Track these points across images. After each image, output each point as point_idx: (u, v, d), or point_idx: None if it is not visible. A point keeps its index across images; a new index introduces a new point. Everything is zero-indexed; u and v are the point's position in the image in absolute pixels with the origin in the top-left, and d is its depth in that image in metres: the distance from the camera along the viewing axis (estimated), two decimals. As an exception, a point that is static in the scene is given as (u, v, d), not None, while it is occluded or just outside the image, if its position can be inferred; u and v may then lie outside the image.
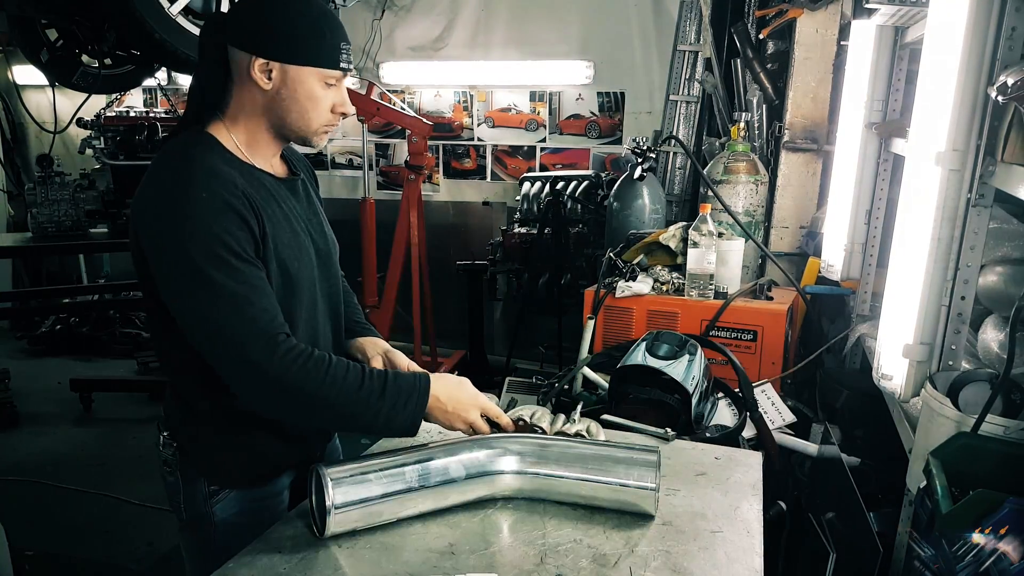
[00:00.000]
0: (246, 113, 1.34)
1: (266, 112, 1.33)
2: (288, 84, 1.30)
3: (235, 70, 1.31)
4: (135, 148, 4.32)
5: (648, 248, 2.81)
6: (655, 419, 1.78)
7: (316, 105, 1.33)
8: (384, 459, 1.23)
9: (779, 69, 3.36)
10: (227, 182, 1.25)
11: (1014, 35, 1.40)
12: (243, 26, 1.29)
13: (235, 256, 1.22)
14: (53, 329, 5.61)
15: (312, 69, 1.30)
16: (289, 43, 1.28)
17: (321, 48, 1.30)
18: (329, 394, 1.22)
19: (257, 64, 1.28)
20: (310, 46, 1.29)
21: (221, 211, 1.22)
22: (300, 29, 1.28)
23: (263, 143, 1.37)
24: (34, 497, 3.47)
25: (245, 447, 1.42)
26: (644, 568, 1.12)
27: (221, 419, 1.40)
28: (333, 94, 1.35)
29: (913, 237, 1.68)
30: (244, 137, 1.35)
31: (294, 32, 1.27)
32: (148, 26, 2.66)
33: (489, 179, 5.26)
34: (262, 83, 1.29)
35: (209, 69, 1.33)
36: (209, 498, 1.41)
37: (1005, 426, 1.35)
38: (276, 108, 1.32)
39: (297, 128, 1.35)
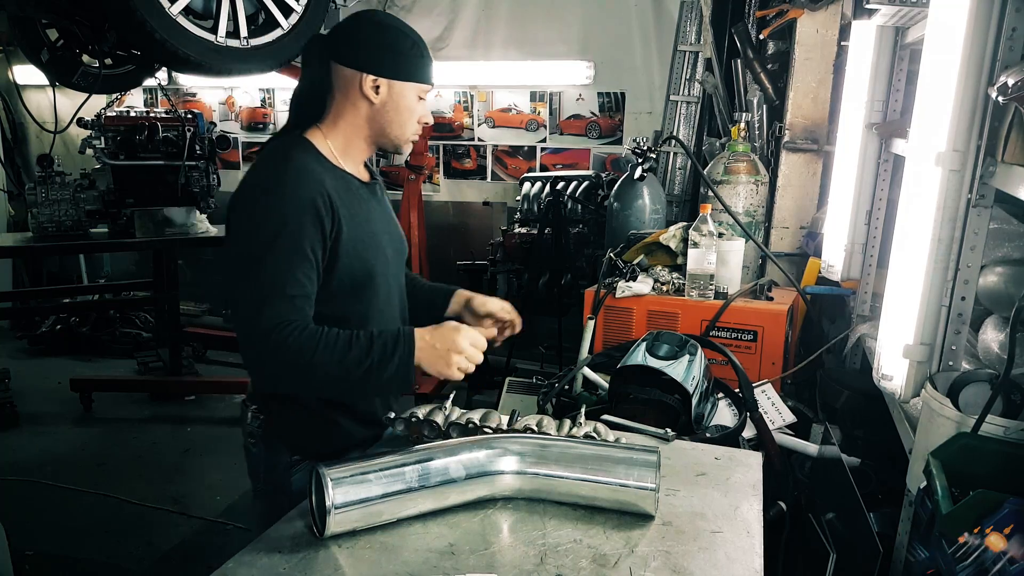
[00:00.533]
0: (346, 122, 1.51)
1: (369, 122, 1.51)
2: (393, 98, 1.49)
3: (339, 84, 1.48)
4: (135, 148, 4.31)
5: (648, 248, 2.81)
6: (655, 419, 1.78)
7: (412, 116, 1.52)
8: (384, 459, 1.23)
9: (779, 69, 3.36)
10: (316, 181, 1.41)
11: (1014, 35, 1.40)
12: (353, 47, 1.47)
13: (296, 249, 1.37)
14: (53, 329, 5.61)
15: (413, 84, 1.50)
16: (397, 62, 1.47)
17: (421, 66, 1.51)
18: (323, 359, 1.33)
19: (368, 81, 1.46)
20: (414, 65, 1.49)
21: (303, 207, 1.38)
22: (403, 48, 1.48)
23: (356, 150, 1.55)
24: (34, 497, 3.47)
25: (326, 421, 1.54)
26: (644, 568, 1.12)
27: (306, 399, 1.53)
28: (422, 107, 1.54)
29: (913, 237, 1.68)
30: (341, 144, 1.52)
31: (400, 52, 1.47)
32: (149, 26, 2.65)
33: (489, 179, 5.26)
34: (372, 97, 1.47)
35: (313, 82, 1.50)
36: (290, 468, 1.53)
37: (1005, 426, 1.35)
38: (380, 119, 1.50)
39: (395, 137, 1.53)
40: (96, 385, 4.59)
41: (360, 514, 1.18)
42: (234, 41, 2.92)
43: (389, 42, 1.48)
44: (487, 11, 4.95)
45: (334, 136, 1.52)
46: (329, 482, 1.16)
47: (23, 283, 6.23)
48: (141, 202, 4.32)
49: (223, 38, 2.88)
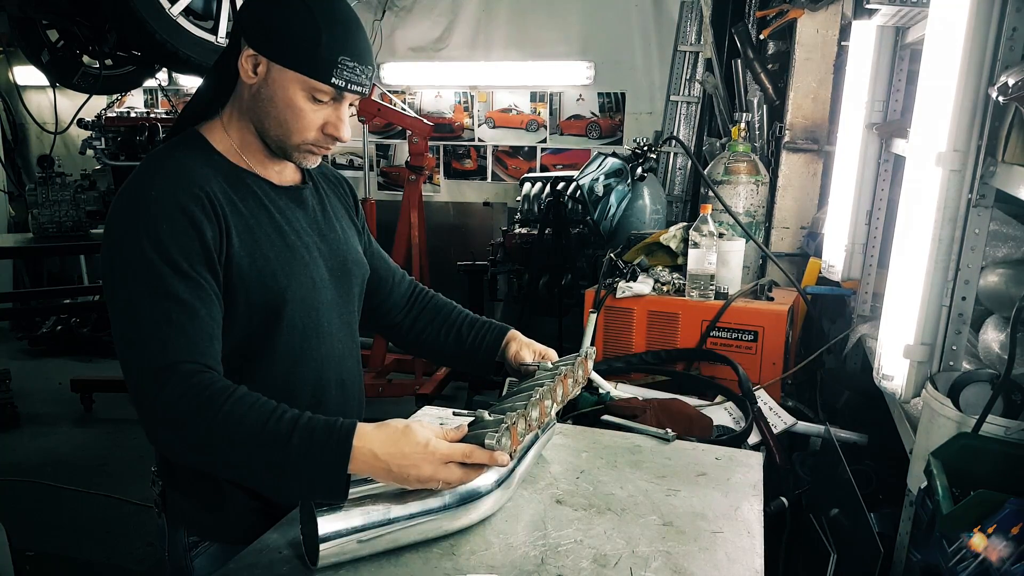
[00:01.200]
0: (237, 111, 1.24)
1: (249, 111, 1.22)
2: (269, 84, 1.18)
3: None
4: (136, 149, 4.33)
5: (649, 249, 2.81)
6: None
7: (297, 117, 1.19)
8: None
9: (780, 70, 3.36)
10: (190, 183, 1.14)
11: (1015, 35, 1.40)
12: (249, 11, 1.20)
13: (171, 266, 1.09)
14: (54, 330, 5.61)
15: (296, 75, 1.16)
16: (277, 38, 1.16)
17: (311, 55, 1.15)
18: (225, 433, 1.01)
19: (246, 53, 1.17)
20: (299, 49, 1.15)
21: (168, 214, 1.10)
22: (295, 27, 1.15)
23: (255, 147, 1.26)
24: (35, 498, 3.47)
25: (227, 495, 1.26)
26: (645, 568, 1.12)
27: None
28: (324, 112, 1.21)
29: (914, 238, 1.68)
30: (237, 138, 1.25)
31: (287, 29, 1.15)
32: (149, 27, 2.66)
33: (490, 180, 5.26)
34: (245, 75, 1.19)
35: (224, 60, 1.23)
36: (189, 550, 1.29)
37: (1006, 427, 1.35)
38: (256, 108, 1.21)
39: (276, 136, 1.22)
40: (97, 385, 4.59)
41: (355, 545, 1.10)
42: (234, 42, 2.92)
43: (286, 16, 1.16)
44: (487, 11, 4.96)
45: (231, 128, 1.25)
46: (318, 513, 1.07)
47: (24, 284, 6.24)
48: (141, 203, 4.32)
49: (223, 39, 2.89)
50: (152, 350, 1.05)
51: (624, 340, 2.59)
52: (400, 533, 1.14)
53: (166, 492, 1.30)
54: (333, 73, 1.17)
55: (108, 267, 1.12)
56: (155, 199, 1.11)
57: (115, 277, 1.10)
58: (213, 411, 1.02)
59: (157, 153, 1.21)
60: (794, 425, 2.21)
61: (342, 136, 1.24)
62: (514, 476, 1.28)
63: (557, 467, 1.46)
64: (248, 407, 1.03)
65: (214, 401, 1.02)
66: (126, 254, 1.09)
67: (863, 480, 1.98)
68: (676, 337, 2.51)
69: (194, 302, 1.10)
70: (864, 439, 2.20)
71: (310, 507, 1.09)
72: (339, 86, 1.18)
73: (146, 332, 1.06)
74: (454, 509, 1.17)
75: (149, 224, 1.09)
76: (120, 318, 1.09)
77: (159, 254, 1.08)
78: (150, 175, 1.15)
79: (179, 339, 1.06)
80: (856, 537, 1.74)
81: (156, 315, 1.07)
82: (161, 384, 1.03)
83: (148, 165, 1.17)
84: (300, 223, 1.29)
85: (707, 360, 2.43)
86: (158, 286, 1.08)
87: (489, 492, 1.21)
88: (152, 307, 1.07)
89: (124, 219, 1.12)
